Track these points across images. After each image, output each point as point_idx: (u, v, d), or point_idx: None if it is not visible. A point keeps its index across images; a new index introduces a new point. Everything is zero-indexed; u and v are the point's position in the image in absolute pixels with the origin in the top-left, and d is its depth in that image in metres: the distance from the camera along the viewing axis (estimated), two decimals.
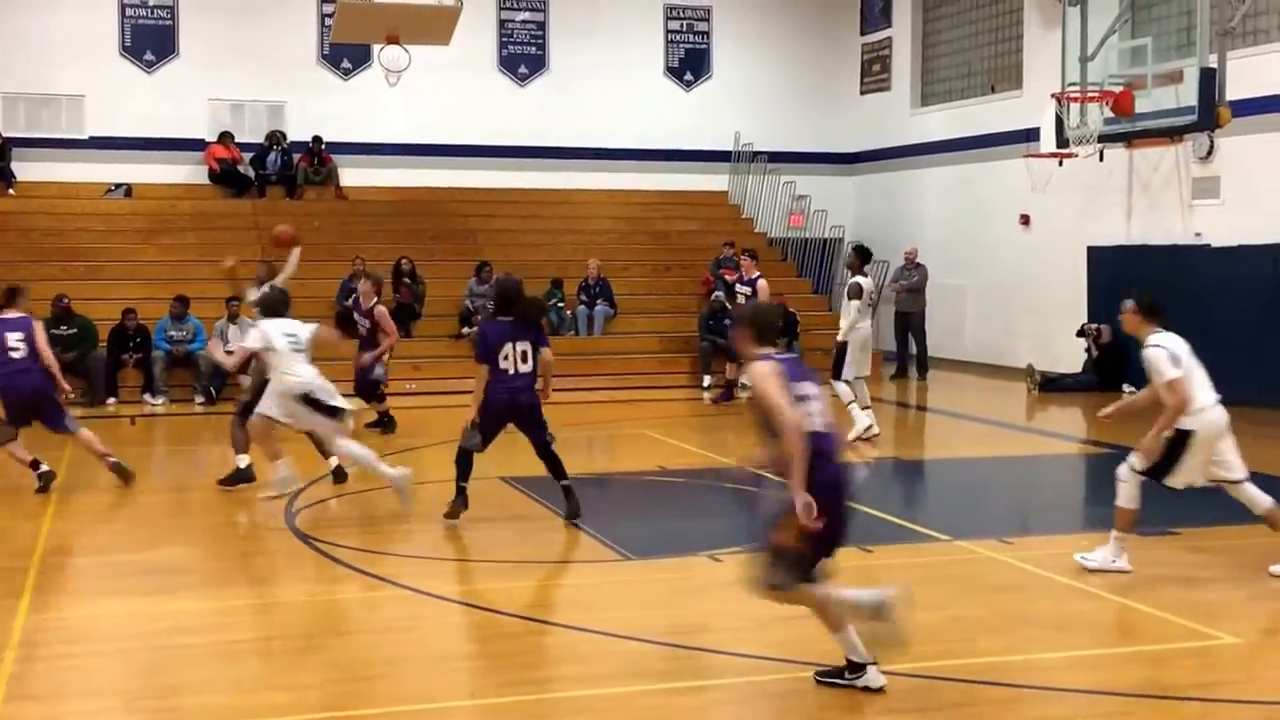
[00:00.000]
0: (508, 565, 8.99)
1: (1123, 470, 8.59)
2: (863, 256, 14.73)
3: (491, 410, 9.95)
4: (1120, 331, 18.65)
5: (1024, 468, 13.73)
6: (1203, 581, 8.56)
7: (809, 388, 6.26)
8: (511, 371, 9.85)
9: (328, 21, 22.72)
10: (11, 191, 22.05)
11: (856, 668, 6.31)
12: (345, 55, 23.76)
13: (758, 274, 17.20)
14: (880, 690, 6.26)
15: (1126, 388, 18.67)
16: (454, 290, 20.90)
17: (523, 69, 25.05)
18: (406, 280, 20.66)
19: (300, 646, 7.24)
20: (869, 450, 14.23)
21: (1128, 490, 8.55)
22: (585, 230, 23.63)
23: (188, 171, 23.26)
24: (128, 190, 22.71)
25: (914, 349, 21.61)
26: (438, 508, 10.23)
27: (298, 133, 23.59)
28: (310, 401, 10.56)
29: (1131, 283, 18.64)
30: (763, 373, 6.13)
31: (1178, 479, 8.47)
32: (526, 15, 25.03)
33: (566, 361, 20.05)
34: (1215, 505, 9.25)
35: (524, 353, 9.89)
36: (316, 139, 23.40)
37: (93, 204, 22.37)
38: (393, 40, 18.90)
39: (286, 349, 10.55)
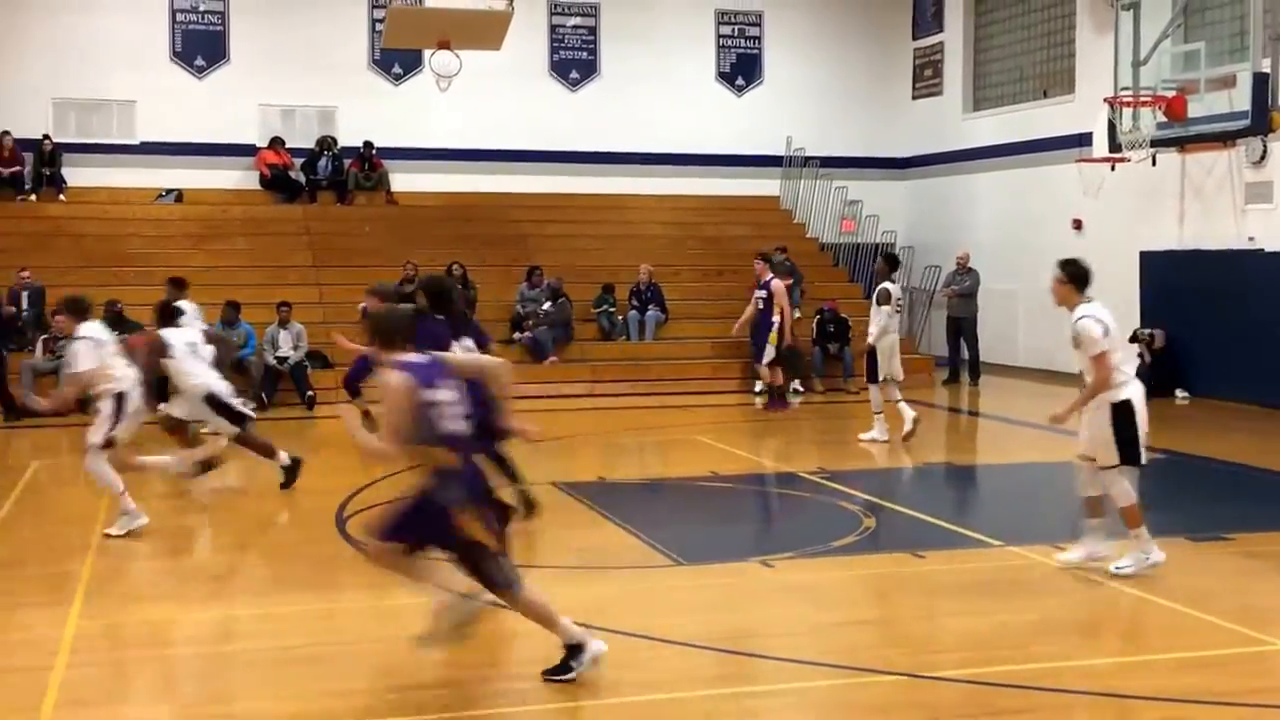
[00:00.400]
0: (560, 571, 8.98)
1: (1104, 475, 8.55)
2: (891, 264, 15.33)
3: None
4: (1173, 337, 18.79)
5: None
6: (1256, 587, 8.48)
7: (443, 392, 6.33)
8: None
9: (379, 27, 22.88)
10: (63, 197, 22.30)
11: (577, 649, 6.48)
12: (396, 60, 23.88)
13: (770, 277, 17.69)
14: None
15: (1179, 392, 18.51)
16: (505, 295, 20.96)
17: (574, 74, 25.10)
18: (458, 285, 20.71)
19: (352, 652, 7.24)
20: (907, 454, 14.15)
21: (1119, 488, 8.52)
22: (636, 235, 23.65)
23: (239, 177, 23.43)
24: (179, 196, 22.91)
25: (966, 354, 21.47)
26: None
27: (349, 138, 23.72)
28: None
29: (1184, 287, 18.72)
30: (393, 386, 6.22)
31: (1143, 451, 8.50)
32: (578, 20, 25.09)
33: (618, 367, 20.19)
34: (1269, 511, 9.14)
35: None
36: (367, 144, 23.54)
37: (144, 209, 22.56)
38: (444, 45, 18.96)
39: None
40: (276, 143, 23.39)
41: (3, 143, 22.07)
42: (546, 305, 20.47)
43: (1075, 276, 8.76)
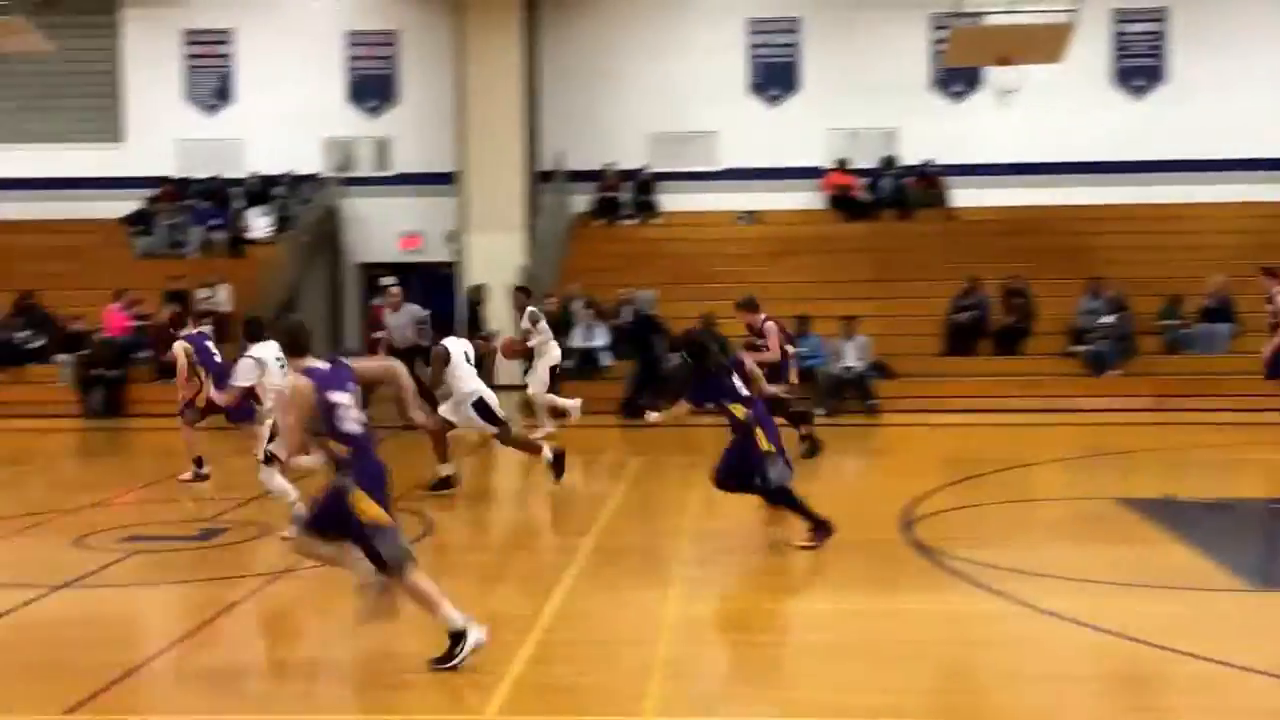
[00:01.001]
0: (1124, 588, 8.91)
1: None
2: None
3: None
4: None
5: None
6: None
7: (344, 396, 6.90)
8: None
9: (939, 47, 23.41)
10: (657, 220, 24.60)
11: (459, 637, 6.82)
12: (957, 79, 24.34)
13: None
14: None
15: None
16: (1064, 308, 20.86)
17: (1139, 81, 24.52)
18: (1017, 299, 20.88)
19: (909, 653, 7.46)
20: None
21: None
22: (1205, 245, 22.73)
23: (807, 198, 24.81)
24: (756, 217, 24.54)
25: None
26: (1049, 527, 10.33)
27: (910, 156, 24.48)
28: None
29: None
30: (295, 389, 6.85)
31: None
32: (1144, 26, 24.48)
33: (1185, 381, 19.57)
34: None
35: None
36: (928, 162, 24.15)
37: (725, 230, 24.41)
38: (1004, 61, 19.24)
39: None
40: (842, 164, 24.53)
41: (608, 173, 24.90)
42: (1108, 318, 20.21)
43: None
